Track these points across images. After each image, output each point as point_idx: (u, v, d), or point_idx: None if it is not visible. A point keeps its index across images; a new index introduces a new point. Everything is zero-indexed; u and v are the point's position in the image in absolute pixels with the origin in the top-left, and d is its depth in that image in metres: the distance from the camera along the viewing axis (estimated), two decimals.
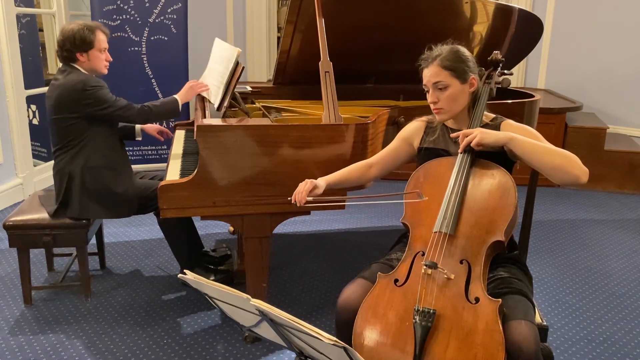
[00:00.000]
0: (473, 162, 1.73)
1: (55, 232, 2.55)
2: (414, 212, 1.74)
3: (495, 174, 1.70)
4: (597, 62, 5.35)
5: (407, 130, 1.95)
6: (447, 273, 1.56)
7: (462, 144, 1.70)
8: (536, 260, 3.27)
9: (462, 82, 1.77)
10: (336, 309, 1.67)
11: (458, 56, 1.77)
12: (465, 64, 1.77)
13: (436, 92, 1.77)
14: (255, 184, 2.17)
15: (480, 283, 1.55)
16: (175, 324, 2.54)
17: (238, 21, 5.73)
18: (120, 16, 4.35)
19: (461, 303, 1.53)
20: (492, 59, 1.96)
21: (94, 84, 2.48)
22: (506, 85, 1.94)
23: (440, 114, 1.80)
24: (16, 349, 2.33)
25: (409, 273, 1.63)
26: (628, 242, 3.61)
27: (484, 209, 1.65)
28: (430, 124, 1.91)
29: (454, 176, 1.70)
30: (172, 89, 4.58)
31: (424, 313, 1.51)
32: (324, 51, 2.34)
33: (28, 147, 4.19)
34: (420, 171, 1.80)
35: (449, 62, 1.75)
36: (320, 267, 3.13)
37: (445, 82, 1.75)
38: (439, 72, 1.75)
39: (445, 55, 1.76)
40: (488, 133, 1.67)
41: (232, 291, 1.35)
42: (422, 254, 1.64)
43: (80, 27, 2.50)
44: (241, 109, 2.65)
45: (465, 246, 1.62)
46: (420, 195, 1.68)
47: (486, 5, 2.94)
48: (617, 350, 2.41)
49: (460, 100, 1.79)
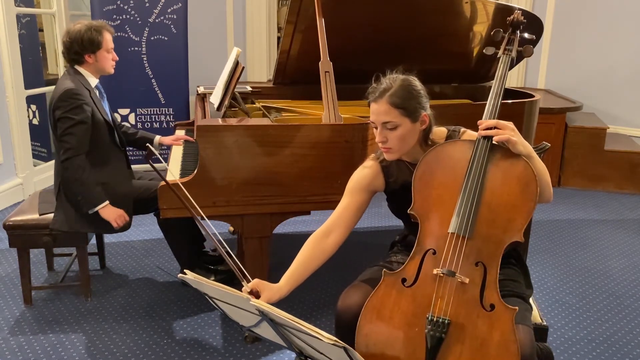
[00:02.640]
0: (492, 148, 1.55)
1: (55, 232, 2.54)
2: (425, 202, 1.58)
3: (516, 163, 1.53)
4: (597, 62, 5.35)
5: (362, 179, 1.74)
6: (462, 277, 1.46)
7: (485, 130, 1.55)
8: (536, 260, 3.27)
9: (412, 120, 1.61)
10: (336, 313, 1.63)
11: (409, 91, 1.61)
12: (416, 100, 1.61)
13: (385, 131, 1.61)
14: (255, 184, 2.17)
15: (495, 288, 1.46)
16: (175, 324, 2.54)
17: (238, 21, 5.73)
18: (120, 16, 4.36)
19: (475, 310, 1.44)
20: (513, 20, 1.70)
21: (72, 98, 2.41)
22: (528, 54, 1.69)
23: (390, 153, 1.65)
24: (16, 349, 2.33)
25: (418, 273, 1.52)
26: (628, 242, 3.60)
27: (503, 205, 1.51)
28: (384, 163, 1.74)
29: (472, 165, 1.54)
30: (172, 89, 4.64)
31: (438, 323, 1.43)
32: (324, 51, 2.34)
33: (28, 147, 4.19)
34: (430, 155, 1.61)
35: (399, 100, 1.58)
36: (320, 267, 3.12)
37: (395, 122, 1.59)
38: (388, 110, 1.59)
39: (395, 90, 1.59)
40: (522, 142, 1.54)
41: (232, 291, 1.35)
42: (433, 253, 1.53)
43: (87, 28, 2.48)
44: (241, 109, 2.65)
45: (481, 247, 1.49)
46: None
47: (486, 5, 2.94)
48: (617, 350, 2.41)
49: (410, 139, 1.64)
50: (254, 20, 5.73)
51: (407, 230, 1.85)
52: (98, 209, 2.46)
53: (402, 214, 1.71)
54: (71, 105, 2.40)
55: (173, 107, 4.71)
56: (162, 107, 4.68)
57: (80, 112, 2.42)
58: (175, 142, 2.90)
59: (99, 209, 2.46)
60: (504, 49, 1.71)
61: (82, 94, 2.44)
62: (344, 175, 2.22)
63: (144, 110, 4.64)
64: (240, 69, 2.51)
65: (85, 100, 2.45)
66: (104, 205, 2.47)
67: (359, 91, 3.19)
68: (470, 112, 2.80)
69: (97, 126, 2.51)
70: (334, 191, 2.24)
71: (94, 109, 2.50)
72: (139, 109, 4.62)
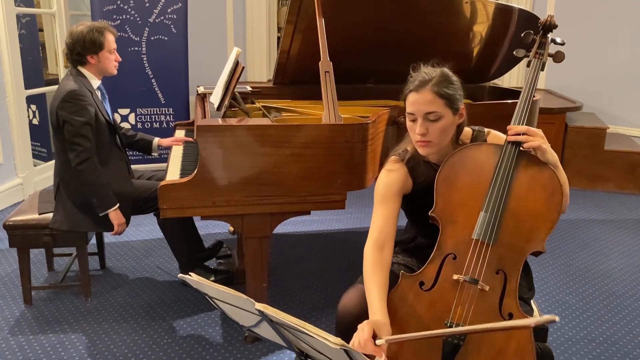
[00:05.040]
0: (519, 154, 1.51)
1: (55, 232, 2.55)
2: (447, 204, 1.53)
3: (543, 171, 1.50)
4: (597, 62, 5.35)
5: (394, 184, 1.65)
6: (482, 285, 1.43)
7: (514, 135, 1.51)
8: (536, 260, 3.27)
9: (453, 112, 1.56)
10: (336, 315, 1.63)
11: (451, 82, 1.56)
12: (457, 92, 1.57)
13: (426, 122, 1.54)
14: (255, 184, 2.17)
15: (515, 297, 1.43)
16: (175, 324, 2.54)
17: (238, 21, 5.73)
18: (120, 16, 4.36)
19: (494, 319, 1.41)
20: (546, 22, 1.65)
21: (76, 99, 2.41)
22: (560, 59, 1.63)
23: (427, 147, 1.57)
24: (16, 349, 2.33)
25: (437, 277, 1.48)
26: (628, 242, 3.61)
27: (528, 213, 1.47)
28: (410, 164, 1.66)
29: (498, 170, 1.50)
30: (172, 89, 4.64)
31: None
32: (324, 51, 2.34)
33: (28, 147, 4.19)
34: (455, 157, 1.56)
35: (443, 89, 1.53)
36: (320, 267, 3.13)
37: (439, 112, 1.53)
38: (432, 100, 1.52)
39: (438, 80, 1.54)
40: (550, 151, 1.51)
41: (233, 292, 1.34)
42: (454, 258, 1.49)
43: (89, 29, 2.48)
44: (241, 109, 2.64)
45: (503, 255, 1.46)
46: None
47: (486, 5, 2.94)
48: (617, 350, 2.41)
49: (449, 133, 1.59)
50: (254, 20, 5.73)
51: (416, 231, 1.81)
52: (109, 212, 2.49)
53: (419, 216, 1.66)
54: (76, 107, 2.41)
55: (173, 107, 4.71)
56: (162, 107, 4.68)
57: (86, 113, 2.43)
58: (174, 143, 2.90)
59: (110, 211, 2.49)
60: (536, 52, 1.66)
61: (85, 95, 2.45)
62: (344, 175, 2.23)
63: (144, 111, 4.64)
64: (240, 69, 2.51)
65: (89, 102, 2.46)
66: (115, 208, 2.49)
67: (359, 91, 3.23)
68: (470, 112, 2.78)
69: (100, 127, 2.51)
70: (334, 191, 2.24)
71: (97, 110, 2.50)
72: (139, 109, 4.62)
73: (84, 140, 2.42)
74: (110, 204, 2.49)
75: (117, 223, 2.51)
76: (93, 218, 2.52)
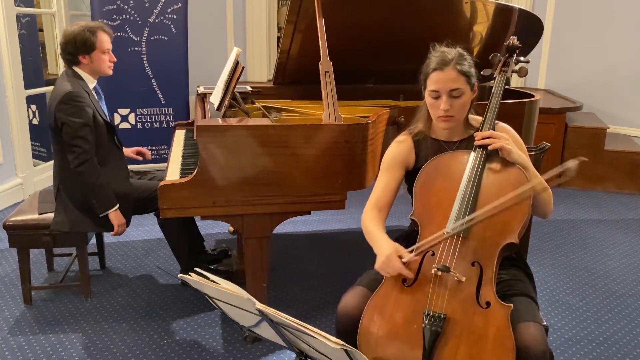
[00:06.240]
0: (487, 157, 1.67)
1: (55, 232, 2.55)
2: (425, 208, 1.68)
3: (510, 170, 1.64)
4: (597, 62, 5.35)
5: (399, 154, 1.81)
6: (458, 276, 1.52)
7: (481, 140, 1.66)
8: (536, 260, 3.27)
9: (471, 88, 1.71)
10: (336, 316, 1.65)
11: (469, 61, 1.70)
12: (473, 69, 1.71)
13: (450, 99, 1.67)
14: (255, 184, 2.17)
15: (491, 287, 1.52)
16: (175, 324, 2.54)
17: (238, 21, 5.73)
18: (120, 16, 4.36)
19: (472, 307, 1.50)
20: (509, 45, 1.84)
21: (73, 100, 2.40)
22: (523, 74, 1.82)
23: (451, 121, 1.71)
24: (16, 349, 2.33)
25: (418, 273, 1.58)
26: (628, 242, 3.61)
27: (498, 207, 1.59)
28: (416, 138, 1.82)
29: (468, 172, 1.64)
30: (172, 89, 4.65)
31: (434, 317, 1.48)
32: (324, 51, 2.34)
33: (28, 147, 4.19)
34: (430, 165, 1.71)
35: (465, 67, 1.67)
36: (320, 267, 3.13)
37: (462, 88, 1.67)
38: (457, 77, 1.66)
39: (458, 59, 1.67)
40: (517, 152, 1.65)
41: (234, 289, 1.35)
42: (432, 254, 1.59)
43: (81, 29, 2.47)
44: (241, 109, 2.64)
45: (477, 248, 1.57)
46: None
47: (486, 5, 2.94)
48: (617, 350, 2.41)
49: (468, 107, 1.74)
50: (254, 20, 5.73)
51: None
52: (109, 213, 2.49)
53: None
54: (74, 108, 2.40)
55: (173, 107, 4.71)
56: (162, 107, 4.68)
57: (84, 114, 2.42)
58: (133, 156, 2.90)
59: (110, 212, 2.48)
60: (500, 69, 1.82)
61: (82, 97, 2.44)
62: (344, 175, 2.23)
63: (144, 110, 4.64)
64: (240, 69, 2.51)
65: (87, 103, 2.45)
66: (115, 208, 2.50)
67: (359, 91, 3.23)
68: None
69: (98, 127, 2.51)
70: (334, 191, 2.24)
71: (95, 110, 2.50)
72: (139, 109, 4.62)
73: (83, 141, 2.41)
74: (110, 204, 2.49)
75: (117, 224, 2.51)
76: (93, 219, 2.52)
